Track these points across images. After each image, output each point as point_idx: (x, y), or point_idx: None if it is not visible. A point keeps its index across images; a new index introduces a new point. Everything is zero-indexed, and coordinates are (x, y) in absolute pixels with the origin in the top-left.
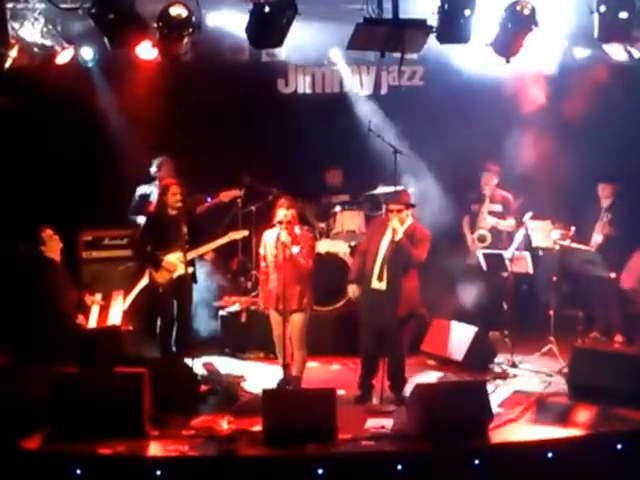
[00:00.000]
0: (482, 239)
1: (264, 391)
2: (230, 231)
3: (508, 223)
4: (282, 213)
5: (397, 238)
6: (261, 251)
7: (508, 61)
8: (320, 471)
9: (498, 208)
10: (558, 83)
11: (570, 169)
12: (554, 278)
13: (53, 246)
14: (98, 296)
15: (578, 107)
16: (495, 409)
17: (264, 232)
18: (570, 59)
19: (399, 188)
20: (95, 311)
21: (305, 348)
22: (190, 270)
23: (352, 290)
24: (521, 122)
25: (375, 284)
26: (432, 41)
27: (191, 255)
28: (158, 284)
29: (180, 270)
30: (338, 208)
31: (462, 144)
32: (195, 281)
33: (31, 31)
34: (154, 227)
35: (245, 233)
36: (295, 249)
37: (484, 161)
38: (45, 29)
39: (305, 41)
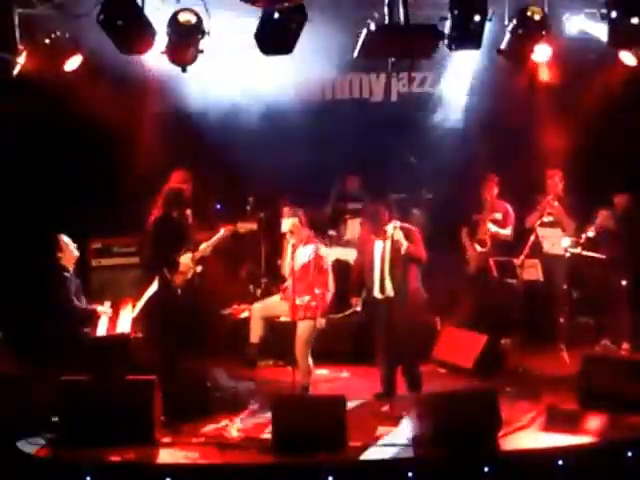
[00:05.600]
0: (482, 244)
1: (273, 399)
2: (222, 227)
3: (506, 232)
4: (284, 224)
5: (404, 250)
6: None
7: (519, 67)
8: (330, 478)
9: (499, 217)
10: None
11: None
12: (565, 286)
13: (69, 255)
14: (107, 304)
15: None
16: (505, 416)
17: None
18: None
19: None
20: (104, 319)
21: (308, 359)
22: (199, 269)
23: (354, 302)
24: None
25: (377, 294)
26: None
27: (198, 255)
28: (176, 286)
29: (192, 270)
30: (348, 215)
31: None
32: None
33: (40, 37)
34: (166, 230)
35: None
36: (302, 259)
37: (485, 170)
38: (54, 35)
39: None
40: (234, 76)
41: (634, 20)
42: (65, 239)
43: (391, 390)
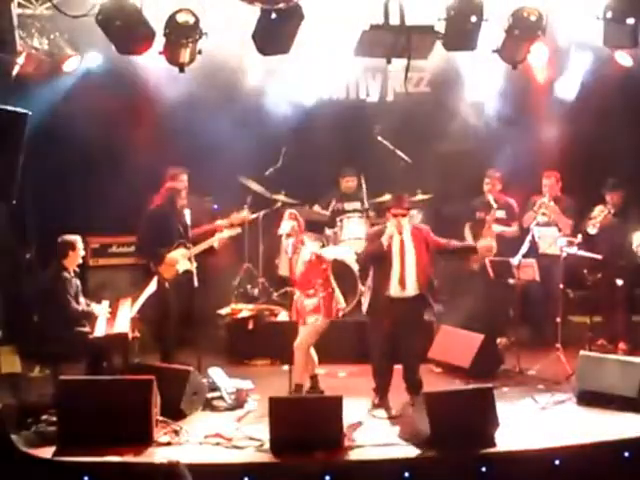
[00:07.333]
0: (489, 249)
1: (271, 398)
2: (225, 228)
3: (512, 229)
4: (283, 226)
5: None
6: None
7: (515, 68)
8: (327, 478)
9: (502, 214)
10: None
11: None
12: (561, 285)
13: (75, 258)
14: (105, 303)
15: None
16: (502, 416)
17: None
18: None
19: (398, 194)
20: (102, 319)
21: (303, 361)
22: (194, 266)
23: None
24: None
25: (397, 291)
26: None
27: (194, 251)
28: (164, 279)
29: (185, 265)
30: (345, 216)
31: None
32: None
33: (38, 38)
34: (154, 224)
35: (238, 230)
36: (301, 266)
37: (487, 167)
38: (52, 36)
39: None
40: (232, 76)
41: (630, 21)
42: (80, 243)
43: (385, 396)
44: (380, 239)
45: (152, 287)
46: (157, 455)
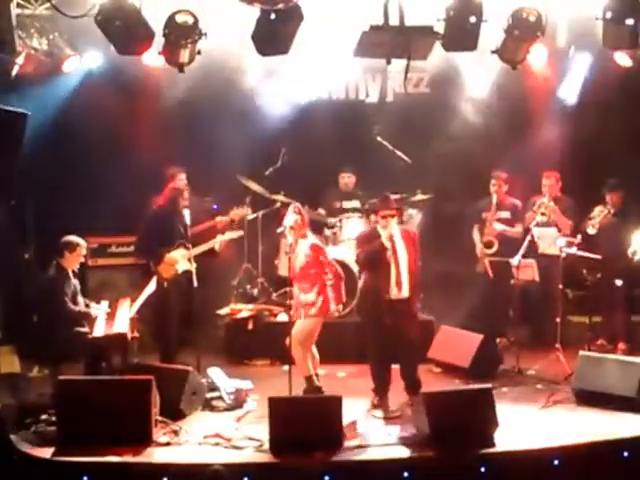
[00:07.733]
0: (489, 245)
1: (270, 399)
2: (227, 230)
3: (516, 230)
4: (287, 218)
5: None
6: None
7: (514, 68)
8: (327, 478)
9: (507, 215)
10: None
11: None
12: (560, 285)
13: (75, 259)
14: (104, 303)
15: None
16: (501, 416)
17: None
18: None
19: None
20: (102, 319)
21: (304, 356)
22: (194, 266)
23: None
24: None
25: (395, 293)
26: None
27: (194, 252)
28: (163, 279)
29: (184, 266)
30: (344, 215)
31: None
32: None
33: (38, 38)
34: (154, 224)
35: (240, 233)
36: (300, 259)
37: (493, 169)
38: (52, 36)
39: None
40: (231, 77)
41: (629, 21)
42: (82, 246)
43: (385, 396)
44: (374, 240)
45: (151, 287)
46: (156, 455)
